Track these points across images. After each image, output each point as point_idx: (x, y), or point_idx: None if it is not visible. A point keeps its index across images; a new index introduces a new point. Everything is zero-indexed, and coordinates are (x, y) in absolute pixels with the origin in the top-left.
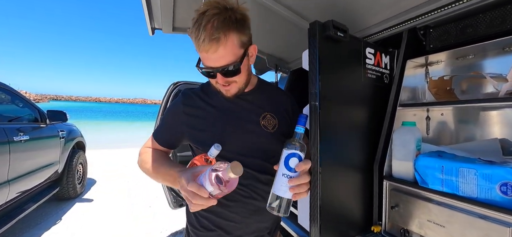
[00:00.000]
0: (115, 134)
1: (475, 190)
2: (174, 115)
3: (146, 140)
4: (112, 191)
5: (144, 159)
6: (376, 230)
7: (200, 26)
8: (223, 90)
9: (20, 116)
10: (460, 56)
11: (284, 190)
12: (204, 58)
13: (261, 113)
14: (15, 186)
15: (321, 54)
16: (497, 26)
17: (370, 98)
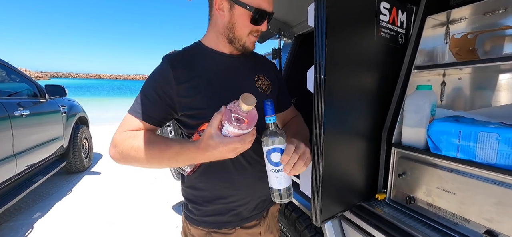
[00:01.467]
0: (118, 110)
1: (495, 156)
2: (163, 86)
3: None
4: (118, 165)
5: (134, 147)
6: (381, 197)
7: None
8: (251, 41)
9: (18, 92)
10: (488, 11)
11: (278, 182)
12: (264, 2)
13: (254, 75)
14: (22, 160)
15: (330, 7)
16: None
17: (381, 60)
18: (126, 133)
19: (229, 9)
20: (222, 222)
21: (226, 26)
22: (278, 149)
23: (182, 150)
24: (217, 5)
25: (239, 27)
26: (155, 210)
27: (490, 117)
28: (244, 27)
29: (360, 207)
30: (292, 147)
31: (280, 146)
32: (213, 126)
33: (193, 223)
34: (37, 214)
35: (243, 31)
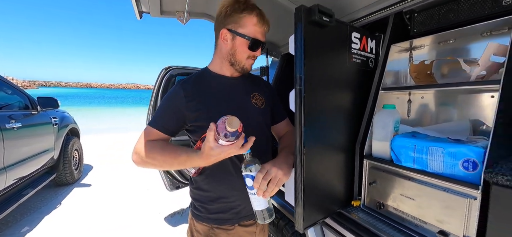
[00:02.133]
0: (109, 121)
1: (442, 166)
2: (176, 103)
3: (141, 130)
4: (110, 176)
5: (151, 153)
6: (356, 204)
7: (255, 7)
8: (249, 64)
9: (10, 104)
10: (442, 41)
11: (258, 204)
12: (258, 32)
13: (250, 93)
14: (12, 173)
15: (307, 39)
16: (476, 12)
17: (354, 82)
18: (147, 143)
19: (231, 39)
20: (224, 219)
21: (229, 52)
22: (249, 176)
23: (189, 158)
24: (223, 36)
25: (239, 52)
26: (147, 222)
27: (442, 132)
28: (243, 52)
29: (339, 214)
30: (260, 175)
31: (251, 173)
32: (211, 141)
33: (199, 219)
34: (25, 228)
35: (242, 56)
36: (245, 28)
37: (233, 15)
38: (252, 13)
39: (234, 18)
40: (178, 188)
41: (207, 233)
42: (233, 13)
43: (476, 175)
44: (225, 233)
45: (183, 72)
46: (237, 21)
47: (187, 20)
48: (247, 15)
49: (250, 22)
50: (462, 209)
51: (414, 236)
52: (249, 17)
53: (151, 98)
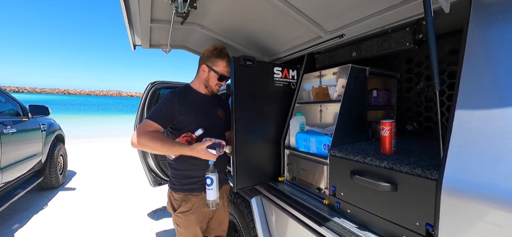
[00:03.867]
0: (89, 128)
1: (315, 148)
2: (172, 105)
3: (130, 131)
4: (93, 180)
5: (151, 138)
6: (281, 179)
7: (226, 55)
8: (216, 88)
9: (3, 111)
10: (335, 72)
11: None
12: (225, 71)
13: (217, 108)
14: (6, 174)
15: (236, 74)
16: (343, 58)
17: (278, 99)
18: (149, 132)
19: (208, 72)
20: (193, 188)
21: (205, 79)
22: (209, 177)
23: (180, 148)
24: (202, 68)
25: (211, 81)
26: (131, 219)
27: (325, 130)
28: (214, 81)
29: (269, 186)
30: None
31: (211, 176)
32: (206, 145)
33: (176, 190)
34: (16, 225)
35: (213, 83)
36: (217, 67)
37: (212, 57)
38: (224, 59)
39: (211, 60)
40: (160, 184)
41: (183, 198)
42: (212, 56)
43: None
44: (195, 197)
45: (166, 86)
46: (213, 62)
47: (169, 51)
48: (220, 60)
49: (221, 64)
50: (324, 172)
51: (309, 194)
52: (221, 61)
53: (139, 107)
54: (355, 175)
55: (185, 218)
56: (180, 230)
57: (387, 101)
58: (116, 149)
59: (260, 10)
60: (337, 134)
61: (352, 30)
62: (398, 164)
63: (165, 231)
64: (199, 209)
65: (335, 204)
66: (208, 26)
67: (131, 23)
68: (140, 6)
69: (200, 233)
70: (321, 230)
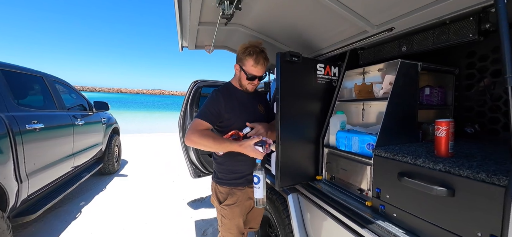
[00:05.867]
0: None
1: (357, 148)
2: (218, 104)
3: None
4: (141, 169)
5: (202, 136)
6: (319, 178)
7: (254, 53)
8: (250, 87)
9: (75, 106)
10: (381, 69)
11: (258, 194)
12: (253, 70)
13: (257, 103)
14: (77, 159)
15: (282, 70)
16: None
17: (320, 96)
18: (201, 131)
19: (239, 71)
20: (239, 183)
21: (238, 78)
22: (256, 176)
23: (230, 145)
24: (236, 68)
25: (243, 80)
26: (172, 206)
27: (369, 130)
28: (245, 81)
29: (308, 185)
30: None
31: (258, 175)
32: (253, 141)
33: (221, 184)
34: (82, 203)
35: (244, 82)
36: (245, 66)
37: (241, 57)
38: (251, 57)
39: (241, 59)
40: (200, 176)
41: (228, 191)
42: (241, 56)
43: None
44: (240, 191)
45: (207, 84)
46: (242, 61)
47: (212, 51)
48: (248, 58)
49: (248, 63)
50: (367, 173)
51: (349, 195)
52: (249, 59)
53: (183, 105)
54: (404, 177)
55: (230, 211)
56: (225, 221)
57: (442, 100)
58: (161, 142)
59: (303, 6)
60: (383, 133)
61: (403, 22)
62: (456, 168)
63: (202, 220)
64: (243, 202)
65: (379, 206)
66: (249, 25)
67: (182, 27)
68: (191, 10)
69: (242, 225)
70: (363, 232)
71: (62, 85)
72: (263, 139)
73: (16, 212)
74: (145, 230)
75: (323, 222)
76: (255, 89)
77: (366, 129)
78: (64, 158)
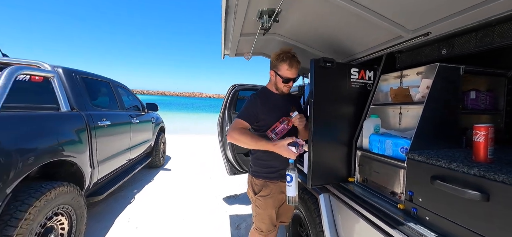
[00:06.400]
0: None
1: (391, 151)
2: (255, 106)
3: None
4: (182, 165)
5: (242, 134)
6: (351, 180)
7: (287, 59)
8: (286, 89)
9: (132, 106)
10: (418, 72)
11: (290, 192)
12: (288, 73)
13: (290, 105)
14: (132, 152)
15: (316, 75)
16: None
17: (353, 99)
18: (240, 129)
19: (275, 76)
20: (272, 177)
21: (274, 82)
22: (289, 175)
23: (266, 144)
24: (271, 74)
25: (278, 84)
26: (209, 200)
27: (405, 133)
28: (280, 84)
29: (339, 186)
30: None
31: (291, 174)
32: (287, 142)
33: (257, 177)
34: (135, 190)
35: (280, 85)
36: (280, 71)
37: (275, 63)
38: (285, 62)
39: (275, 65)
40: (235, 174)
41: (263, 184)
42: (275, 62)
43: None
44: (273, 184)
45: (244, 88)
46: (277, 67)
47: (250, 58)
48: (282, 64)
49: (283, 68)
50: (400, 176)
51: (381, 197)
52: (283, 65)
53: (222, 107)
54: (436, 180)
55: (264, 201)
56: (259, 211)
57: (491, 105)
58: (198, 142)
59: (336, 16)
60: (418, 138)
61: (440, 27)
62: (491, 172)
63: (237, 215)
64: (276, 195)
65: (411, 209)
66: (285, 34)
67: (226, 38)
68: (235, 24)
69: (274, 216)
70: (395, 234)
71: (122, 88)
72: (296, 140)
73: (88, 193)
74: (185, 219)
75: (354, 222)
76: (289, 91)
77: (402, 134)
78: (123, 151)
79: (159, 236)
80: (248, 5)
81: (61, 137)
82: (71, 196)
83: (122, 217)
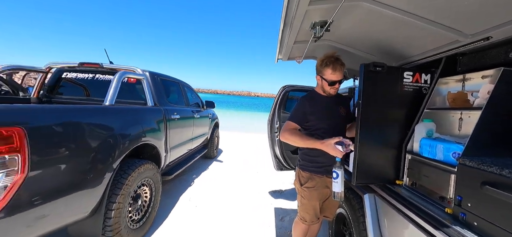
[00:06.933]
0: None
1: (442, 156)
2: (304, 109)
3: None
4: (233, 158)
5: (292, 134)
6: (399, 182)
7: (330, 63)
8: (333, 91)
9: (194, 103)
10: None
11: (336, 188)
12: (332, 76)
13: (339, 106)
14: (194, 143)
15: (365, 79)
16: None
17: (405, 103)
18: (291, 130)
19: (321, 80)
20: (318, 171)
21: (321, 85)
22: (335, 172)
23: (314, 143)
24: (317, 78)
25: (325, 87)
26: (256, 193)
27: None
28: (327, 87)
29: (386, 187)
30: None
31: (337, 171)
32: (334, 141)
33: (304, 170)
34: (194, 176)
35: (327, 88)
36: (325, 75)
37: (320, 68)
38: (329, 67)
39: (320, 70)
40: (281, 170)
41: (309, 176)
42: (320, 68)
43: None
44: (319, 178)
45: (294, 88)
46: (321, 72)
47: (301, 61)
48: (326, 68)
49: (327, 72)
50: (450, 181)
51: (428, 200)
52: (327, 69)
53: (272, 106)
54: (486, 185)
55: (309, 193)
56: (304, 201)
57: None
58: (247, 139)
59: (388, 24)
60: (474, 144)
61: (502, 32)
62: None
63: (281, 209)
64: (321, 188)
65: (459, 214)
66: (335, 40)
67: (281, 45)
68: (289, 34)
69: (318, 209)
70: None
71: (187, 87)
72: (343, 139)
73: (162, 172)
74: (235, 204)
75: (401, 225)
76: (337, 92)
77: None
78: (186, 141)
79: (214, 215)
80: (303, 19)
81: (147, 125)
82: (152, 172)
83: (185, 196)
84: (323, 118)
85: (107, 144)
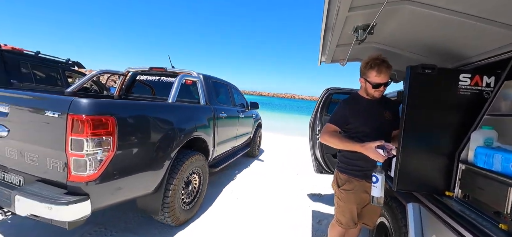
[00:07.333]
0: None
1: (500, 166)
2: (344, 112)
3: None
4: (274, 159)
5: (331, 136)
6: (449, 194)
7: (375, 65)
8: (377, 94)
9: (239, 104)
10: None
11: (375, 192)
12: (377, 79)
13: (383, 111)
14: (238, 140)
15: (412, 82)
16: None
17: (460, 107)
18: (331, 132)
19: (365, 82)
20: (356, 175)
21: (364, 88)
22: (375, 176)
23: (354, 145)
24: (361, 81)
25: (369, 89)
26: (294, 194)
27: None
28: (371, 90)
29: (433, 198)
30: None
31: (377, 175)
32: (375, 144)
33: (342, 172)
34: (236, 171)
35: (371, 91)
36: (369, 78)
37: (364, 71)
38: (373, 69)
39: (364, 73)
40: (321, 172)
41: (347, 179)
42: (364, 70)
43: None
44: (357, 181)
45: (338, 91)
46: (365, 73)
47: (345, 64)
48: (370, 71)
49: (371, 75)
50: (508, 194)
51: (484, 217)
52: (371, 72)
53: (314, 109)
54: None
55: (346, 195)
56: (340, 203)
57: None
58: (288, 141)
59: (437, 24)
60: None
61: None
62: None
63: (319, 212)
64: (358, 192)
65: None
66: (380, 41)
67: (323, 49)
68: (331, 38)
69: (355, 211)
70: None
71: (234, 89)
72: (384, 144)
73: (209, 164)
74: (274, 202)
75: None
76: (382, 95)
77: None
78: (231, 138)
79: (253, 209)
80: (344, 24)
81: (200, 121)
82: (202, 162)
83: (227, 189)
84: (365, 122)
85: (169, 135)
